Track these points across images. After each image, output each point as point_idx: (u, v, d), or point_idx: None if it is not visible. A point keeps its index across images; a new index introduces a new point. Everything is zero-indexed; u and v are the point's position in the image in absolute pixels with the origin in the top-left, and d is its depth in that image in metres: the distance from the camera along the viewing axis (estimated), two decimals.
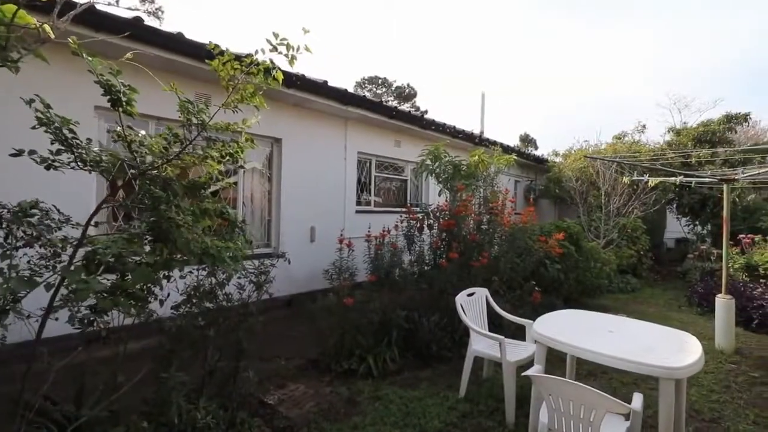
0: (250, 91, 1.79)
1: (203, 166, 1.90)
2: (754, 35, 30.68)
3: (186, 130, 1.74)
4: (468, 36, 52.29)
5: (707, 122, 10.18)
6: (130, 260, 1.76)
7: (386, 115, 6.60)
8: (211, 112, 1.79)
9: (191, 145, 1.73)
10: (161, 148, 1.62)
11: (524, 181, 12.01)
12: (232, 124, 1.86)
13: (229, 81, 1.73)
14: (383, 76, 34.14)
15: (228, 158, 1.86)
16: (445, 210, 4.68)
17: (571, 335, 2.57)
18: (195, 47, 4.09)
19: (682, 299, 7.20)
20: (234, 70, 1.70)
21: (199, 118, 1.71)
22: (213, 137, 1.83)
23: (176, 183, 1.63)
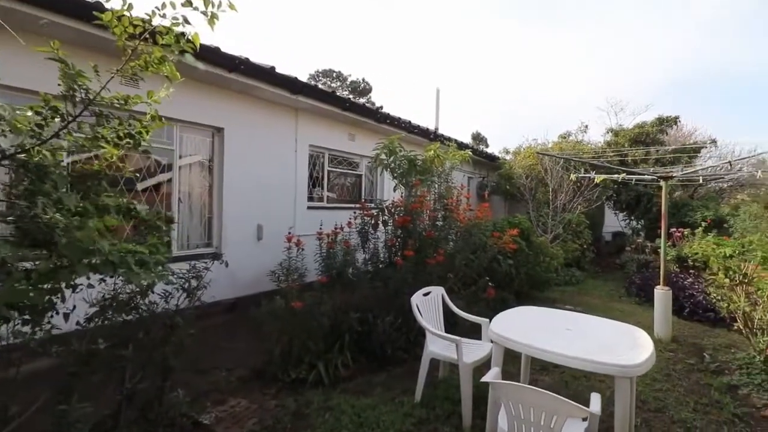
0: (157, 57, 1.45)
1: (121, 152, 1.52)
2: (678, 51, 33.92)
3: (69, 103, 1.37)
4: (423, 35, 52.85)
5: (642, 124, 10.93)
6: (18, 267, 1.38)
7: (339, 107, 6.32)
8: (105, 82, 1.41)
9: (75, 123, 1.36)
10: (33, 125, 1.25)
11: (477, 177, 12.23)
12: (133, 98, 1.50)
13: (128, 42, 1.38)
14: (338, 69, 33.56)
15: (128, 141, 1.50)
16: (400, 206, 4.51)
17: (529, 335, 2.49)
18: (81, 5, 3.24)
19: (621, 290, 7.64)
20: (134, 27, 1.35)
21: (83, 87, 1.35)
22: (107, 113, 1.47)
23: (57, 171, 1.28)
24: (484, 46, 51.47)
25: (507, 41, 48.68)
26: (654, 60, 36.76)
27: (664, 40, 35.55)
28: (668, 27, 35.45)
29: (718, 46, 37.34)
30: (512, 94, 53.01)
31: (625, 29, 37.60)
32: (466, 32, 50.01)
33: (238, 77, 4.93)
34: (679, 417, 3.01)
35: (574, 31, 41.83)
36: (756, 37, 37.33)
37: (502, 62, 50.96)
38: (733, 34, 37.25)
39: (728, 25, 36.99)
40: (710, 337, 4.98)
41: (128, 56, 1.38)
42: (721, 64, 38.49)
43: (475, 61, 53.00)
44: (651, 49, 36.71)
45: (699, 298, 5.89)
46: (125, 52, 1.39)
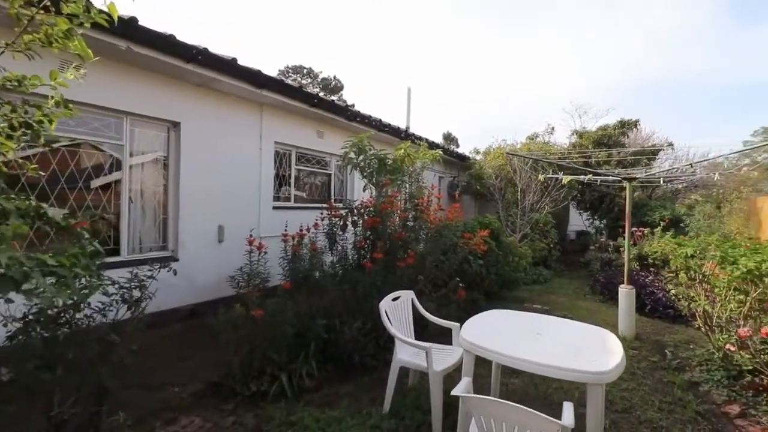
0: (61, 30, 1.19)
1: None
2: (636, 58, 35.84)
3: None
4: (395, 35, 52.87)
5: (605, 127, 11.30)
6: None
7: (307, 102, 6.08)
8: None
9: None
10: None
11: (448, 177, 12.27)
12: (30, 79, 1.23)
13: (22, 9, 1.13)
14: (308, 66, 32.98)
15: (23, 131, 1.24)
16: (369, 206, 4.35)
17: (501, 342, 2.40)
18: None
19: (586, 288, 7.83)
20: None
21: None
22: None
23: None
24: (454, 47, 52.14)
25: (476, 44, 49.55)
26: (614, 65, 38.77)
27: (622, 48, 37.66)
28: (627, 35, 37.62)
29: (672, 55, 39.70)
30: (483, 96, 54.02)
31: (586, 35, 39.31)
32: (438, 33, 50.48)
33: (196, 68, 4.61)
34: (645, 417, 3.03)
35: (540, 35, 43.20)
36: (706, 47, 40.01)
37: (473, 64, 51.83)
38: (685, 44, 39.75)
39: (681, 35, 39.43)
40: (671, 333, 5.14)
41: (23, 27, 1.13)
42: (675, 71, 41.01)
43: (446, 62, 53.61)
44: (611, 55, 38.73)
45: (659, 296, 6.10)
46: (20, 21, 1.14)
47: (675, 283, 6.39)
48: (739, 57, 41.19)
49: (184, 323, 4.87)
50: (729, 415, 3.11)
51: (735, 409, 3.14)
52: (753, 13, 37.98)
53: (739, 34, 40.31)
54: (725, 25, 39.47)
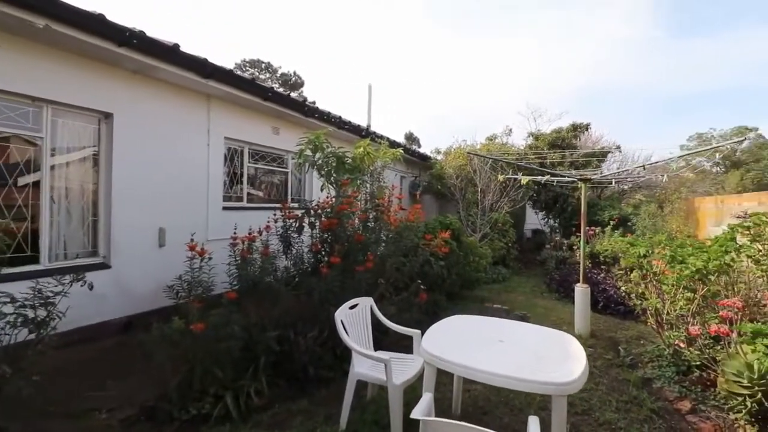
0: None
1: None
2: (585, 66, 38.04)
3: None
4: (357, 35, 52.52)
5: (559, 130, 11.71)
6: None
7: (260, 96, 5.70)
8: None
9: None
10: None
11: (410, 177, 12.20)
12: None
13: None
14: (267, 60, 31.91)
15: None
16: (326, 207, 4.10)
17: (463, 352, 2.26)
18: None
19: (543, 286, 8.02)
20: None
21: None
22: None
23: None
24: (416, 48, 52.69)
25: (437, 46, 50.37)
26: (566, 73, 41.09)
27: (573, 57, 40.08)
28: (577, 45, 40.03)
29: (616, 65, 42.59)
30: (444, 97, 55.00)
31: (541, 44, 41.27)
32: (400, 34, 50.75)
33: (131, 53, 4.13)
34: (604, 418, 3.02)
35: (498, 41, 44.69)
36: (646, 58, 43.25)
37: (434, 66, 52.66)
38: (628, 55, 42.78)
39: (624, 47, 42.37)
40: (622, 329, 5.31)
41: None
42: (619, 80, 44.01)
43: (408, 63, 54.07)
44: (563, 63, 41.03)
45: (611, 293, 6.32)
46: None
47: (625, 280, 6.67)
48: (674, 68, 45.02)
49: (117, 338, 4.37)
50: (681, 412, 3.17)
51: (686, 406, 3.21)
52: (686, 29, 41.59)
53: (673, 48, 44.03)
54: (662, 38, 42.97)
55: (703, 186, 12.58)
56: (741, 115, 55.05)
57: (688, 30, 45.01)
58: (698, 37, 45.80)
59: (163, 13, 40.74)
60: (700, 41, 45.98)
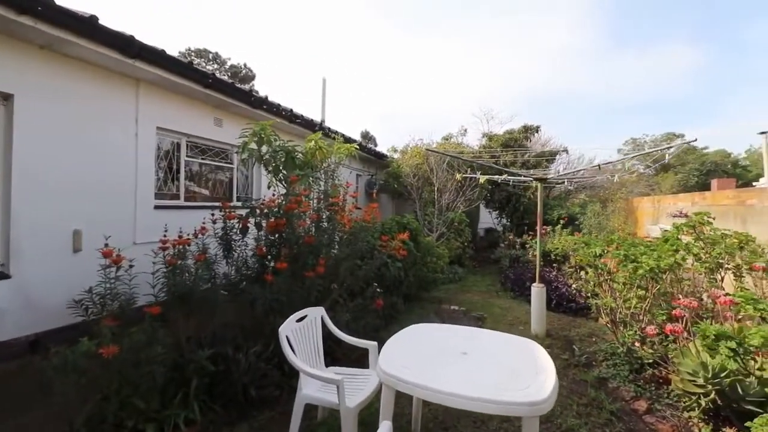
0: None
1: None
2: (534, 74, 40.06)
3: None
4: (311, 33, 51.30)
5: (511, 131, 11.97)
6: None
7: (199, 82, 5.13)
8: None
9: None
10: None
11: (366, 175, 11.91)
12: None
13: None
14: (215, 50, 30.17)
15: None
16: (273, 206, 3.69)
17: (423, 370, 2.00)
18: None
19: (498, 285, 8.07)
20: None
21: None
22: None
23: None
24: (371, 50, 52.51)
25: (393, 48, 50.57)
26: (514, 77, 43.02)
27: (521, 62, 42.17)
28: (526, 53, 42.18)
29: (561, 72, 45.15)
30: (399, 99, 55.31)
31: (493, 49, 42.86)
32: (356, 35, 50.27)
33: (36, 24, 3.46)
34: (567, 425, 2.92)
35: (452, 44, 45.73)
36: (587, 67, 46.19)
37: (389, 67, 52.79)
38: (572, 63, 45.51)
39: (568, 56, 45.02)
40: (575, 327, 5.37)
41: None
42: (564, 86, 46.70)
43: (363, 64, 53.76)
44: (514, 68, 42.95)
45: (563, 291, 6.43)
46: None
47: (576, 278, 6.83)
48: (612, 77, 48.61)
49: (21, 360, 3.67)
50: (638, 413, 3.16)
51: (643, 406, 3.21)
52: (625, 42, 45.03)
53: (611, 59, 47.53)
54: (604, 48, 46.25)
55: (638, 187, 13.44)
56: (668, 122, 60.75)
57: (625, 43, 48.91)
58: (633, 50, 49.84)
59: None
60: (633, 54, 50.04)
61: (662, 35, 47.75)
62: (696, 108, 48.32)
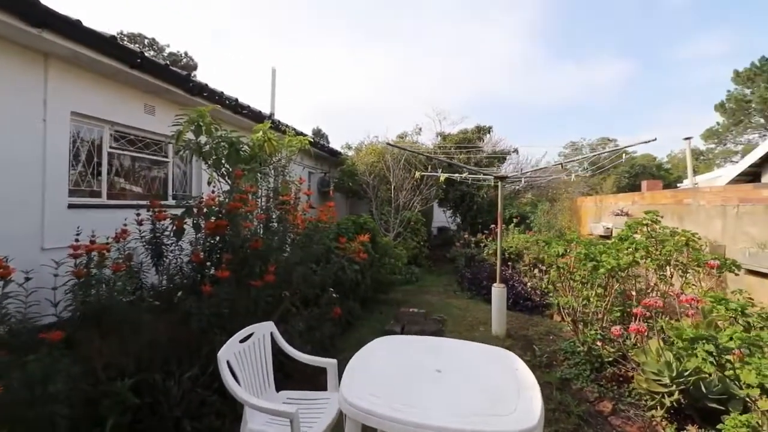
0: None
1: None
2: (481, 79, 41.70)
3: None
4: (261, 26, 49.22)
5: (465, 131, 12.09)
6: None
7: (125, 61, 4.43)
8: None
9: None
10: None
11: (319, 173, 11.42)
12: None
13: None
14: (151, 36, 27.82)
15: None
16: (213, 205, 3.21)
17: (394, 396, 1.71)
18: None
19: (455, 284, 8.02)
20: None
21: None
22: None
23: None
24: (323, 48, 51.59)
25: (346, 46, 50.06)
26: (464, 80, 44.52)
27: (470, 68, 43.86)
28: (472, 60, 43.93)
29: (504, 78, 47.40)
30: (350, 97, 54.79)
31: (444, 51, 44.02)
32: (307, 33, 49.02)
33: None
34: None
35: (405, 44, 46.23)
36: (528, 74, 48.83)
37: (342, 66, 52.24)
38: (517, 69, 47.86)
39: (511, 64, 47.32)
40: (532, 326, 5.37)
41: None
42: (508, 91, 49.07)
43: (315, 59, 52.66)
44: (462, 72, 44.41)
45: (519, 289, 6.47)
46: None
47: (531, 276, 6.93)
48: (550, 84, 51.83)
49: None
50: (604, 414, 3.10)
51: (608, 407, 3.16)
52: (560, 52, 48.19)
53: (552, 67, 50.68)
54: (542, 57, 49.20)
55: (578, 187, 14.18)
56: (602, 128, 65.99)
57: (562, 54, 52.34)
58: (570, 60, 53.47)
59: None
60: (571, 64, 53.68)
61: (596, 50, 51.85)
62: (625, 116, 53.04)
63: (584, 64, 52.78)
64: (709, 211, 5.40)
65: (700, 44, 46.57)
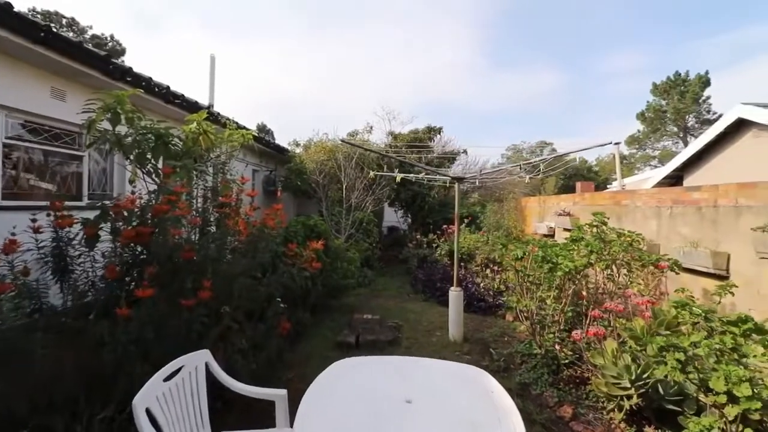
0: None
1: None
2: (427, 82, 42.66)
3: None
4: (200, 16, 46.10)
5: (416, 131, 12.05)
6: None
7: (26, 35, 3.69)
8: None
9: None
10: None
11: (264, 171, 10.75)
12: None
13: None
14: (70, 16, 24.83)
15: None
16: (133, 207, 2.70)
17: None
18: None
19: (408, 287, 7.88)
20: None
21: None
22: None
23: None
24: (270, 43, 49.69)
25: (296, 43, 48.71)
26: (410, 83, 45.38)
27: (418, 71, 44.93)
28: (419, 61, 44.98)
29: (449, 82, 49.07)
30: (297, 94, 53.30)
31: (394, 51, 44.44)
32: (253, 24, 46.82)
33: None
34: None
35: (353, 44, 45.98)
36: (471, 80, 50.85)
37: (289, 61, 50.74)
38: (461, 74, 49.64)
39: (455, 69, 49.03)
40: (487, 327, 5.34)
41: None
42: (452, 95, 50.84)
43: (262, 56, 50.60)
44: (410, 74, 45.22)
45: (472, 290, 6.46)
46: None
47: (483, 276, 6.96)
48: (491, 90, 54.50)
49: None
50: (565, 420, 3.06)
51: (568, 412, 3.13)
52: (500, 60, 50.80)
53: (492, 74, 53.28)
54: (482, 65, 51.62)
55: (523, 188, 14.79)
56: (540, 132, 70.72)
57: (503, 63, 55.19)
58: (510, 68, 56.46)
59: None
60: (511, 72, 56.71)
61: (531, 60, 55.38)
62: (558, 122, 57.13)
63: (521, 72, 56.05)
64: (645, 211, 5.72)
65: (623, 58, 51.42)
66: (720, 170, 8.32)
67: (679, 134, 31.02)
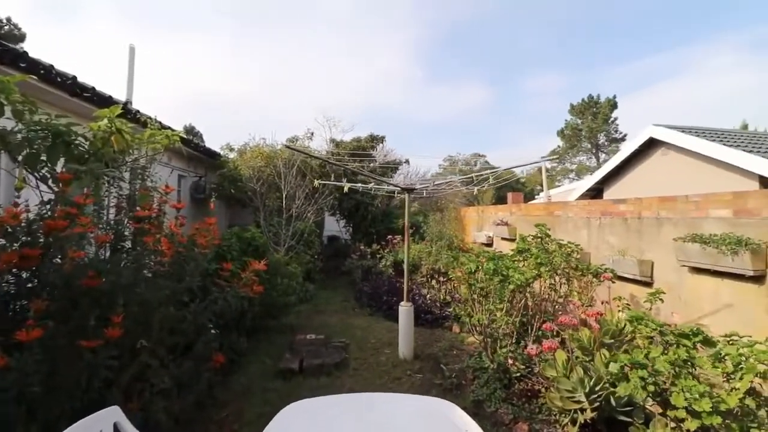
0: None
1: None
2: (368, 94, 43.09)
3: None
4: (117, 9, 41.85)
5: (358, 139, 11.89)
6: None
7: None
8: None
9: None
10: None
11: (192, 176, 9.80)
12: None
13: None
14: None
15: None
16: (15, 223, 2.13)
17: None
18: None
19: (352, 301, 7.57)
20: None
21: None
22: None
23: None
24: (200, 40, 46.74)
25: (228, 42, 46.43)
26: (350, 92, 45.61)
27: (356, 81, 45.39)
28: (358, 72, 45.45)
29: (388, 91, 50.14)
30: (227, 97, 50.72)
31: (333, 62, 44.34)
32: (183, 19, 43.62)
33: None
34: None
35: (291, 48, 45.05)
36: (408, 92, 52.42)
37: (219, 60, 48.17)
38: (400, 85, 50.97)
39: (395, 80, 50.28)
40: (435, 341, 5.25)
41: None
42: (392, 105, 51.94)
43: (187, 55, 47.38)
44: (350, 84, 45.47)
45: (419, 302, 6.36)
46: None
47: (429, 287, 6.92)
48: (428, 102, 56.72)
49: None
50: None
51: (524, 428, 3.07)
52: (436, 75, 53.15)
53: (427, 87, 55.52)
54: (419, 77, 53.65)
55: (461, 198, 15.28)
56: (474, 144, 74.75)
57: (438, 77, 57.83)
58: (445, 82, 59.25)
59: None
60: (447, 86, 59.50)
61: (464, 75, 58.80)
62: (489, 134, 61.04)
63: (455, 86, 59.13)
64: (577, 222, 6.07)
65: (545, 79, 56.69)
66: (634, 184, 9.24)
67: (592, 150, 34.69)
